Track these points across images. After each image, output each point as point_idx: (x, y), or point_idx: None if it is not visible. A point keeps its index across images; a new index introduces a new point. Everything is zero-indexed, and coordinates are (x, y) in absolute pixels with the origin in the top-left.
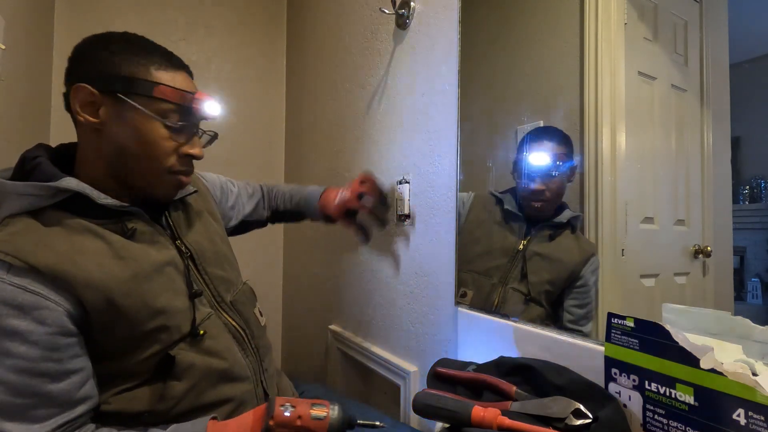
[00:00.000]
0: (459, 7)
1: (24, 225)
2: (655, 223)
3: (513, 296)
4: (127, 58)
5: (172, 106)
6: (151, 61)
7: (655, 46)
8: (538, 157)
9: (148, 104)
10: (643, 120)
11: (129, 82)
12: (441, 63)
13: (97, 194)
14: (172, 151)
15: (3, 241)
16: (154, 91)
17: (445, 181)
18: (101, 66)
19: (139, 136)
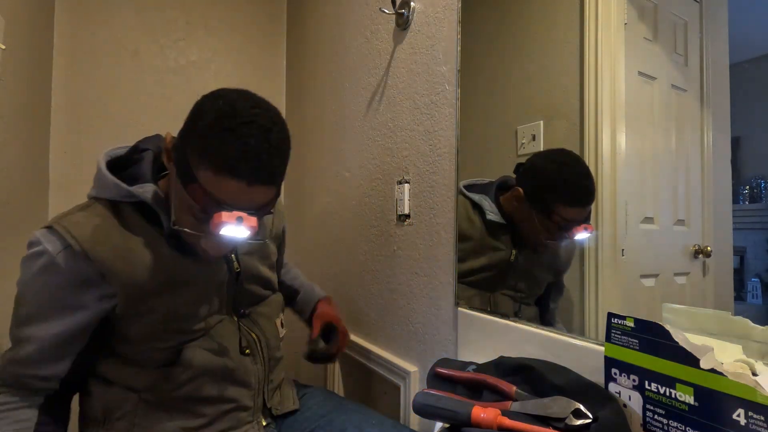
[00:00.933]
0: (459, 7)
1: (101, 212)
2: (655, 223)
3: (503, 300)
4: (196, 141)
5: (197, 206)
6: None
7: (655, 46)
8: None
9: (182, 192)
10: (643, 120)
11: (180, 162)
12: (441, 63)
13: (162, 211)
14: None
15: (75, 222)
16: (188, 185)
17: (445, 181)
18: (184, 131)
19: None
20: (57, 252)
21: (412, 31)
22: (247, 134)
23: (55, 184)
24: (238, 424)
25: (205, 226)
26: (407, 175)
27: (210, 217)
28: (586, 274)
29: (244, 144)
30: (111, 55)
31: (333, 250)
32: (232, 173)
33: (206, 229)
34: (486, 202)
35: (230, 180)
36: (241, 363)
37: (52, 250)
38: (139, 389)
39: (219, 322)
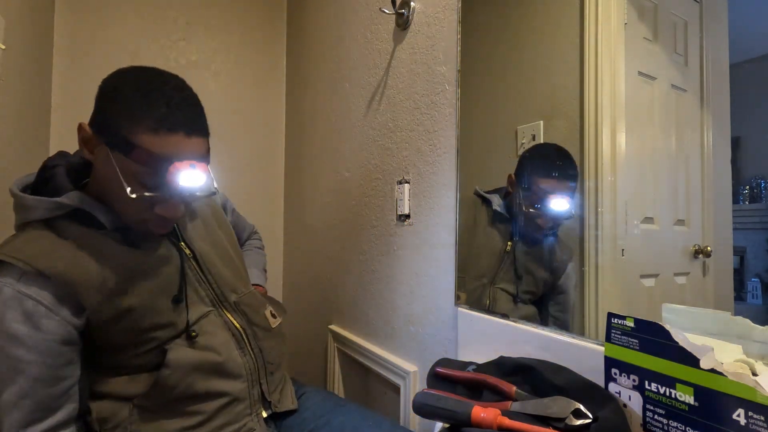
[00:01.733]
0: (459, 7)
1: (38, 233)
2: (655, 223)
3: (501, 296)
4: (123, 112)
5: (147, 170)
6: (144, 119)
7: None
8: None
9: (126, 164)
10: (643, 120)
11: (114, 137)
12: (441, 63)
13: (96, 209)
14: (144, 209)
15: (17, 248)
16: (131, 153)
17: (445, 181)
18: (102, 112)
19: (114, 187)
20: (17, 279)
21: (412, 31)
22: (169, 94)
23: None
24: (237, 418)
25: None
26: (407, 175)
27: (164, 174)
28: (586, 274)
29: (170, 101)
30: (111, 55)
31: (333, 250)
32: (169, 128)
33: (162, 189)
34: (496, 198)
35: (170, 135)
36: (229, 356)
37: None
38: (132, 397)
39: (203, 316)
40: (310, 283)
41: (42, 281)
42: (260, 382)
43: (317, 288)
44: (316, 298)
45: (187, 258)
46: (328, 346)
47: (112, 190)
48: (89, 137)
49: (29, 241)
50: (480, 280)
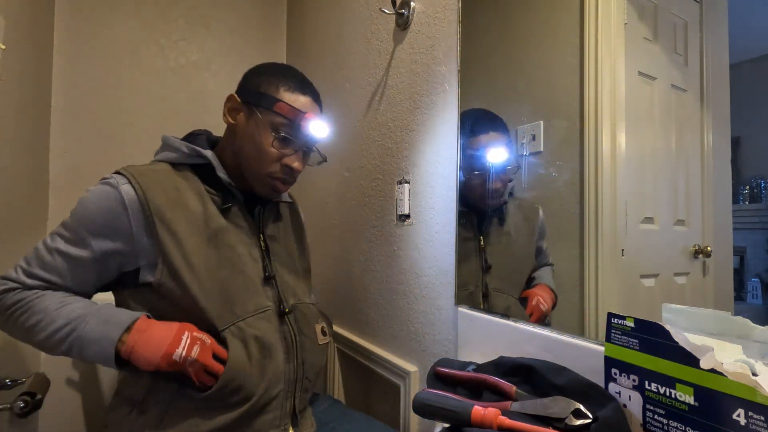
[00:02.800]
0: (459, 7)
1: (162, 168)
2: (655, 223)
3: (497, 297)
4: (266, 79)
5: (285, 121)
6: (283, 83)
7: (655, 46)
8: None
9: (268, 116)
10: (643, 120)
11: (259, 96)
12: (441, 63)
13: (218, 168)
14: (275, 159)
15: (142, 171)
16: (274, 105)
17: (445, 181)
18: (249, 83)
19: (254, 140)
20: (122, 183)
21: (412, 31)
22: (300, 74)
23: (55, 184)
24: (264, 427)
25: (292, 139)
26: (407, 175)
27: (299, 122)
28: (586, 274)
29: (302, 77)
30: (111, 55)
31: (333, 250)
32: (302, 91)
33: (294, 140)
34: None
35: (303, 96)
36: (276, 359)
37: (119, 181)
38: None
39: (262, 312)
40: None
41: (140, 203)
42: (294, 396)
43: (317, 288)
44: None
45: (262, 249)
46: (328, 346)
47: (250, 145)
48: (237, 105)
49: (150, 170)
50: (469, 286)
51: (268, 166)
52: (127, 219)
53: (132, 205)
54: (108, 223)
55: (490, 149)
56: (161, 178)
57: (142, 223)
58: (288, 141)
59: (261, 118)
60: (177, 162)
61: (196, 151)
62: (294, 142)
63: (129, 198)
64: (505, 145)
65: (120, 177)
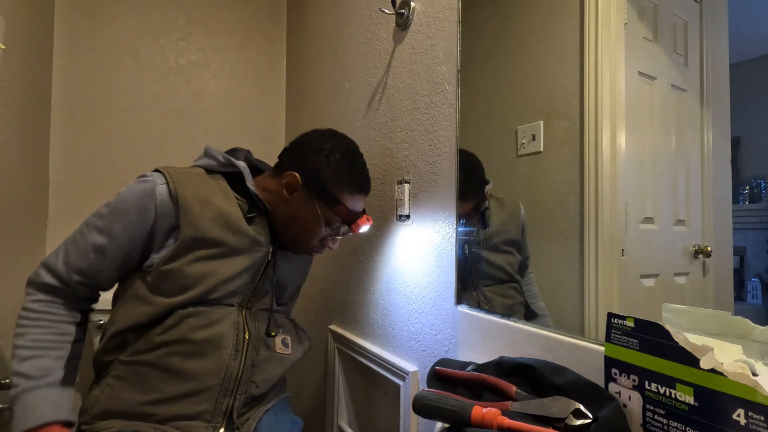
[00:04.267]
0: (459, 7)
1: (197, 171)
2: (655, 223)
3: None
4: (332, 174)
5: (340, 221)
6: (347, 183)
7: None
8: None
9: (326, 212)
10: (643, 120)
11: (323, 192)
12: (441, 63)
13: (248, 178)
14: (319, 239)
15: (180, 172)
16: (335, 208)
17: (445, 181)
18: (314, 167)
19: (306, 223)
20: (160, 183)
21: (412, 31)
22: (361, 164)
23: (55, 184)
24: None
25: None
26: (407, 175)
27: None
28: (586, 274)
29: (363, 170)
30: (111, 55)
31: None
32: (361, 191)
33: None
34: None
35: (360, 195)
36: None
37: (157, 182)
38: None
39: (223, 304)
40: (310, 283)
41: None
42: (234, 396)
43: (317, 288)
44: (316, 298)
45: (267, 260)
46: (328, 346)
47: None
48: (297, 185)
49: (189, 173)
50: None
51: (310, 242)
52: (155, 214)
53: (163, 200)
54: (141, 220)
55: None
56: (194, 178)
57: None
58: (336, 234)
59: (319, 212)
60: (212, 169)
61: (230, 161)
62: (341, 234)
63: (161, 197)
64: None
65: (158, 175)
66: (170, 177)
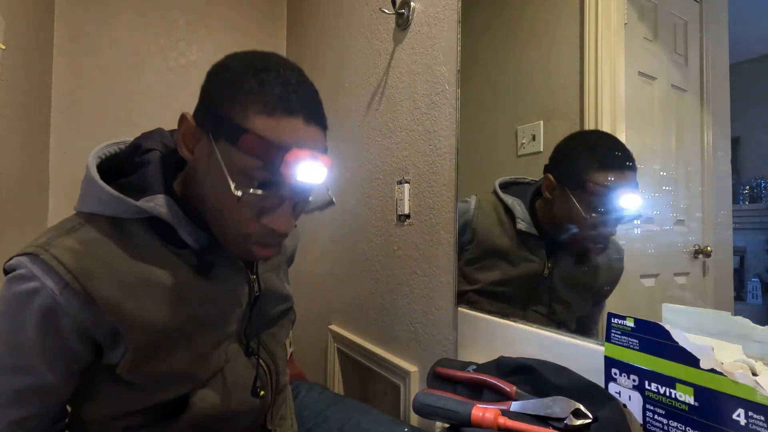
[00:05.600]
0: (459, 7)
1: (99, 237)
2: (655, 223)
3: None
4: (231, 91)
5: (258, 163)
6: (256, 98)
7: (655, 46)
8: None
9: (231, 156)
10: (643, 120)
11: (219, 123)
12: (441, 63)
13: (183, 224)
14: (249, 218)
15: (71, 250)
16: (239, 141)
17: (445, 181)
18: (207, 97)
19: (215, 190)
20: (60, 290)
21: (412, 31)
22: (284, 73)
23: (55, 184)
24: None
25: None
26: (407, 175)
27: (278, 164)
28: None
29: (286, 81)
30: (111, 55)
31: (333, 250)
32: (286, 110)
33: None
34: (519, 207)
35: (287, 118)
36: (252, 406)
37: (53, 288)
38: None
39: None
40: (310, 283)
41: (86, 303)
42: (266, 418)
43: (317, 288)
44: (316, 298)
45: (254, 295)
46: (328, 346)
47: (212, 195)
48: (191, 129)
49: (87, 245)
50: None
51: (239, 228)
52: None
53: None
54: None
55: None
56: (103, 253)
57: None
58: (265, 193)
59: (224, 157)
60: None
61: (136, 208)
62: (274, 193)
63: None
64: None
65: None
66: (66, 272)
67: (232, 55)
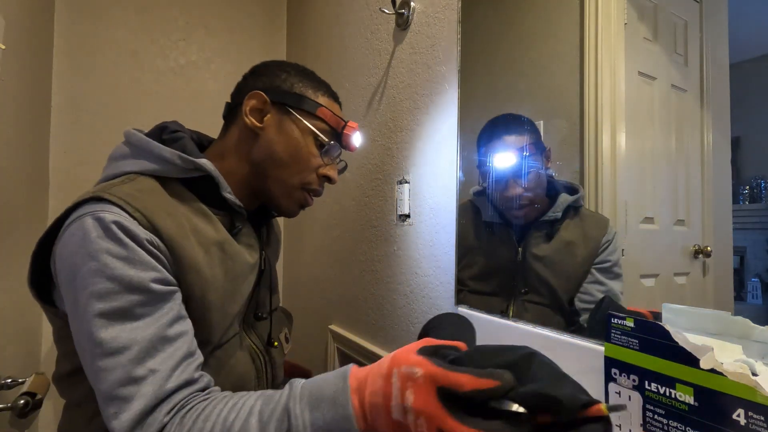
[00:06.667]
0: (459, 7)
1: (150, 186)
2: (655, 223)
3: (529, 308)
4: (300, 81)
5: (328, 128)
6: (319, 88)
7: (655, 46)
8: (502, 159)
9: (310, 120)
10: (643, 120)
11: (299, 99)
12: (441, 63)
13: (224, 185)
14: (313, 168)
15: (131, 195)
16: (317, 111)
17: (445, 181)
18: (278, 81)
19: (291, 145)
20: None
21: (412, 31)
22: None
23: (55, 184)
24: None
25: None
26: (407, 175)
27: (341, 131)
28: None
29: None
30: (111, 55)
31: (333, 250)
32: (336, 99)
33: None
34: (484, 201)
35: (337, 104)
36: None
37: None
38: None
39: (232, 336)
40: (310, 283)
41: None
42: None
43: (317, 288)
44: (316, 298)
45: (261, 271)
46: (328, 346)
47: (284, 151)
48: (263, 105)
49: (143, 191)
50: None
51: (305, 176)
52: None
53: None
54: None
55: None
56: (159, 200)
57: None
58: (329, 150)
59: (302, 122)
60: (163, 176)
61: (194, 164)
62: (335, 151)
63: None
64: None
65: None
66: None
67: (276, 61)
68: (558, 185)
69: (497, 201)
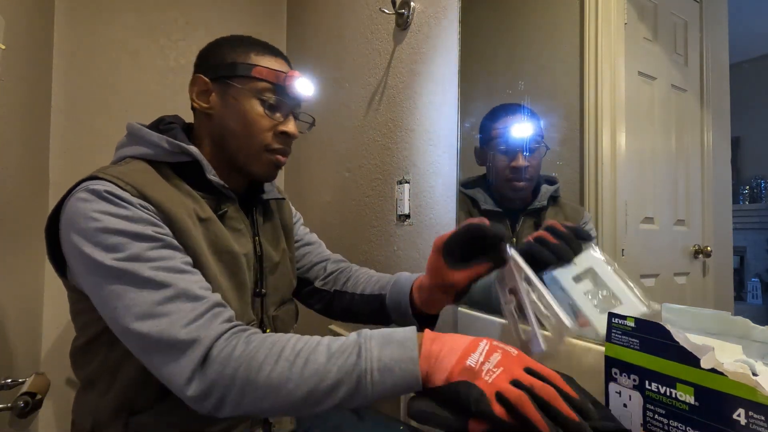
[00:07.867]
0: (459, 7)
1: (143, 167)
2: (655, 223)
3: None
4: (232, 49)
5: (268, 85)
6: (251, 49)
7: (655, 46)
8: (516, 130)
9: (248, 84)
10: (643, 120)
11: (232, 67)
12: (441, 63)
13: (209, 168)
14: (268, 129)
15: (122, 172)
16: (252, 71)
17: (445, 181)
18: (212, 58)
19: (239, 115)
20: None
21: (412, 31)
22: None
23: (55, 184)
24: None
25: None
26: (407, 175)
27: (283, 83)
28: None
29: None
30: (111, 55)
31: (332, 250)
32: (273, 53)
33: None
34: (480, 194)
35: (275, 57)
36: None
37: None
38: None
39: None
40: None
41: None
42: None
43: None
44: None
45: (258, 256)
46: None
47: (235, 122)
48: (205, 86)
49: (135, 170)
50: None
51: (261, 138)
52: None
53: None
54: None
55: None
56: (149, 177)
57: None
58: (277, 106)
59: (241, 89)
60: (154, 159)
61: (180, 147)
62: (283, 105)
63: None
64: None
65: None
66: (123, 182)
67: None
68: (540, 178)
69: (501, 175)
